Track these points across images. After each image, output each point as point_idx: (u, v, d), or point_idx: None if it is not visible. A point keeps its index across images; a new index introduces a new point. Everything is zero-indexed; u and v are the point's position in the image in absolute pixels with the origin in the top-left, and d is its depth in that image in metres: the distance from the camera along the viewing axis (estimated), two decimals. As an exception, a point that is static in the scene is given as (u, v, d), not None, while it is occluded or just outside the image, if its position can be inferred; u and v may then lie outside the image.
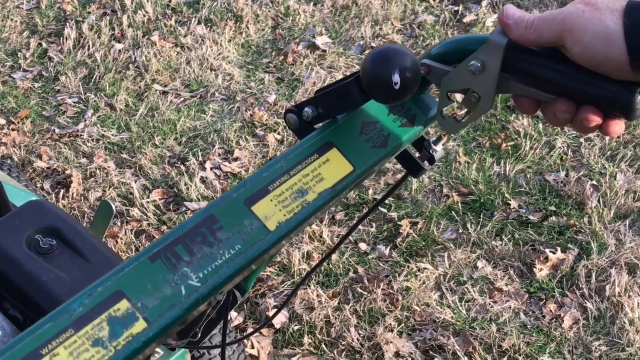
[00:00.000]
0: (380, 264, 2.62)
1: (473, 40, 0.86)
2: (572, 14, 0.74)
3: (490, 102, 0.87)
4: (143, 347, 0.70)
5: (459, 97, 0.91)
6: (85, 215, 2.86)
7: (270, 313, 2.43)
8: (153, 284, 0.73)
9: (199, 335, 1.73)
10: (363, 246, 2.69)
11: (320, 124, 0.92)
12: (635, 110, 0.78)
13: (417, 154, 1.03)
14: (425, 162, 1.03)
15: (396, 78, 0.81)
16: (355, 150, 0.89)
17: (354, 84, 0.86)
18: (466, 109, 0.89)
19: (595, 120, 0.81)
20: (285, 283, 2.56)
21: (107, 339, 0.69)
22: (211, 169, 3.06)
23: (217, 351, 1.90)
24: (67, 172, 3.06)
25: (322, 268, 2.59)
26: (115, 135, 3.29)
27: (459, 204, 2.84)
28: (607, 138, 3.11)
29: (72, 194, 2.95)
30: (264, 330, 2.41)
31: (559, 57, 0.79)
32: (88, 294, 0.71)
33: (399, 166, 3.03)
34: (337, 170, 0.87)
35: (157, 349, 1.84)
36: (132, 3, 4.15)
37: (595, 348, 2.33)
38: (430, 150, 1.01)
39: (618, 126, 0.82)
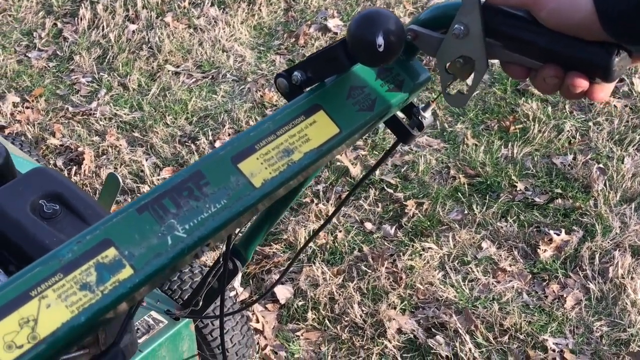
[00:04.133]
0: (385, 243, 2.65)
1: (456, 5, 0.88)
2: None
3: (485, 63, 0.87)
4: (129, 293, 0.73)
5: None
6: (97, 192, 2.90)
7: (276, 288, 2.47)
8: (140, 234, 0.76)
9: (201, 304, 1.77)
10: (369, 225, 2.72)
11: (309, 88, 0.94)
12: (613, 71, 0.79)
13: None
14: (415, 128, 1.05)
15: (380, 40, 0.83)
16: (342, 113, 0.92)
17: (340, 48, 0.88)
18: (465, 78, 0.90)
19: (582, 85, 0.82)
20: (291, 260, 2.59)
21: (94, 283, 0.72)
22: (221, 148, 3.09)
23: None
24: (80, 149, 3.10)
25: (328, 246, 2.62)
26: (128, 115, 3.33)
27: (466, 186, 2.86)
28: (616, 122, 3.10)
29: (84, 170, 3.00)
30: (269, 306, 2.45)
31: (537, 20, 0.81)
32: (77, 241, 0.74)
33: (406, 148, 3.04)
34: (324, 132, 0.90)
35: (162, 319, 1.89)
36: (146, -16, 4.18)
37: (597, 328, 2.35)
38: (419, 117, 1.03)
39: (602, 92, 0.84)
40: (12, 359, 0.66)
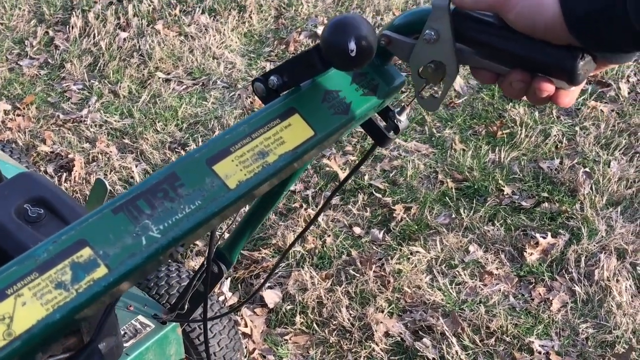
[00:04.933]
0: (374, 247, 2.66)
1: (427, 11, 0.90)
2: None
3: (455, 67, 0.89)
4: (104, 291, 0.75)
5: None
6: (86, 198, 2.92)
7: (265, 293, 2.49)
8: (115, 234, 0.77)
9: (187, 307, 1.78)
10: (357, 230, 2.74)
11: (285, 92, 0.96)
12: (578, 75, 0.81)
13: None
14: (391, 132, 1.07)
15: (352, 45, 0.85)
16: (317, 117, 0.93)
17: (315, 52, 0.90)
18: (437, 82, 0.93)
19: (548, 89, 0.84)
20: (280, 265, 2.60)
21: (69, 282, 0.73)
22: (211, 154, 3.11)
23: (208, 324, 1.94)
24: (70, 156, 3.12)
25: (317, 250, 2.64)
26: (118, 121, 3.35)
27: (453, 190, 2.88)
28: (603, 126, 3.13)
29: (75, 177, 3.01)
30: (258, 310, 2.46)
31: (506, 25, 0.83)
32: (53, 241, 0.75)
33: (395, 153, 3.07)
34: (299, 135, 0.91)
35: (149, 322, 1.90)
36: (137, -8, 4.21)
37: (583, 330, 2.37)
38: (395, 120, 1.05)
39: (568, 97, 0.86)
40: (-13, 355, 0.67)
